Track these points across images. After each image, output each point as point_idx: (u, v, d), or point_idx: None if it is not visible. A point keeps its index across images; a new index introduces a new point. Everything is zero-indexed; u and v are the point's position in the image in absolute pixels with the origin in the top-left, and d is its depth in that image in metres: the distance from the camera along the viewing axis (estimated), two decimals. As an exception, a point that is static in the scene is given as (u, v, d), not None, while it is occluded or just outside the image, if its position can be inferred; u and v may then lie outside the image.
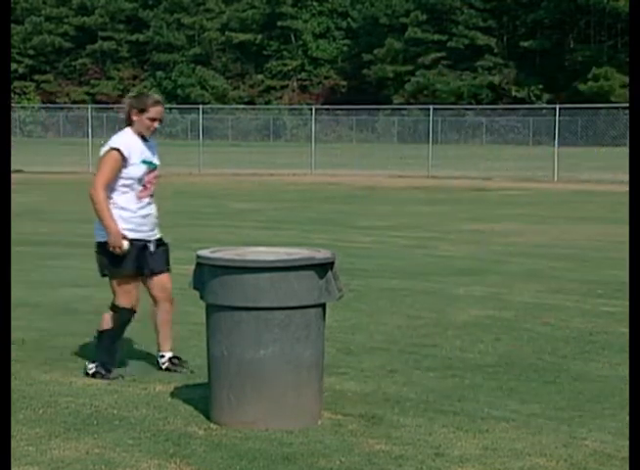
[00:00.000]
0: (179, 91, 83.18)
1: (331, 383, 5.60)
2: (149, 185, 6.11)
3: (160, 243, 6.19)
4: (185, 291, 5.88)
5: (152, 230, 6.16)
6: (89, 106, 43.15)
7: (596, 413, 5.18)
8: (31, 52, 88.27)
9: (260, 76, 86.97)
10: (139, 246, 5.98)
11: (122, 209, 6.04)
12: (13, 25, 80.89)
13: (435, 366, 6.18)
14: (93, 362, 5.91)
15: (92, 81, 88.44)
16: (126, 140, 5.92)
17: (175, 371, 5.98)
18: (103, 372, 5.84)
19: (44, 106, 73.37)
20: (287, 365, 4.83)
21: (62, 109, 68.47)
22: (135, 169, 5.95)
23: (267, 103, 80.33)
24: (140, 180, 6.01)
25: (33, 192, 22.87)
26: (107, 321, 5.97)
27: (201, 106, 39.17)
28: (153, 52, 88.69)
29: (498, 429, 4.90)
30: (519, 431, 4.86)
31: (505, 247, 12.75)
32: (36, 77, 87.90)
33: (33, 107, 72.64)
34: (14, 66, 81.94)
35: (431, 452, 4.53)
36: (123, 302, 5.92)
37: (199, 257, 4.99)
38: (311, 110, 37.80)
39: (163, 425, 4.92)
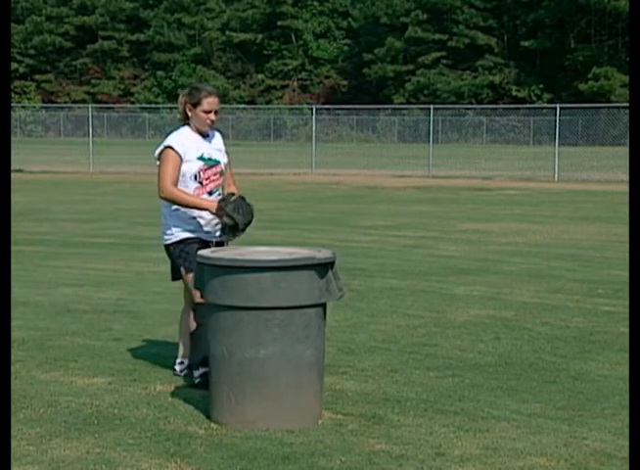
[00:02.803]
0: (180, 91, 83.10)
1: (331, 383, 5.60)
2: (207, 182, 5.81)
3: (220, 244, 5.85)
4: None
5: (210, 230, 5.84)
6: (89, 105, 43.16)
7: (596, 413, 5.18)
8: (32, 51, 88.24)
9: (261, 76, 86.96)
10: (197, 246, 5.70)
11: (175, 208, 5.87)
12: (13, 25, 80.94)
13: (435, 366, 6.19)
14: (197, 370, 5.64)
15: (92, 81, 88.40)
16: (180, 137, 5.78)
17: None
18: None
19: (45, 105, 73.39)
20: (287, 365, 4.84)
21: (62, 108, 68.50)
22: (190, 166, 5.75)
23: (268, 102, 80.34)
24: (195, 177, 5.77)
25: (33, 192, 22.87)
26: (192, 322, 5.79)
27: (201, 106, 39.08)
28: (153, 51, 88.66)
29: (498, 428, 4.90)
30: (519, 430, 4.87)
31: (505, 247, 12.75)
32: (37, 77, 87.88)
33: (34, 106, 72.64)
34: (14, 65, 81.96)
35: (431, 452, 4.53)
36: (199, 299, 5.77)
37: (199, 256, 4.99)
38: (312, 109, 37.81)
39: (164, 425, 4.92)
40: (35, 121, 68.29)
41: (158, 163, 5.82)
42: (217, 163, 5.87)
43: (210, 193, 5.79)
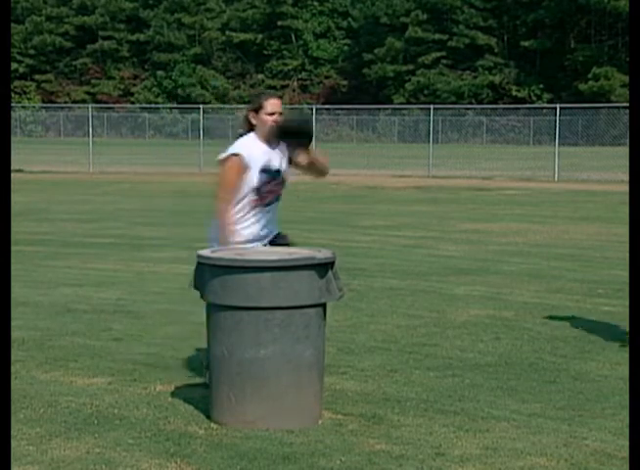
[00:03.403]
0: (180, 91, 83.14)
1: (331, 383, 5.60)
2: (268, 194, 5.56)
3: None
4: (185, 291, 5.88)
5: (264, 240, 5.60)
6: (89, 105, 43.17)
7: (596, 413, 5.18)
8: (32, 52, 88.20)
9: (261, 76, 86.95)
10: None
11: (237, 220, 5.54)
12: (13, 25, 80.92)
13: (435, 366, 6.19)
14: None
15: (92, 81, 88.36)
16: (248, 144, 5.52)
17: None
18: None
19: (44, 105, 73.36)
20: (287, 365, 4.84)
21: (62, 108, 68.49)
22: (252, 177, 5.47)
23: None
24: (258, 190, 5.51)
25: (33, 192, 22.86)
26: None
27: (201, 105, 39.17)
28: (153, 51, 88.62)
29: (498, 428, 4.90)
30: (519, 430, 4.87)
31: (505, 247, 12.75)
32: (37, 77, 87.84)
33: (34, 106, 72.63)
34: (14, 65, 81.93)
35: (431, 452, 4.53)
36: None
37: (199, 256, 4.99)
38: (312, 109, 37.79)
39: (164, 425, 4.92)
40: (35, 121, 68.29)
41: (220, 167, 5.53)
42: (280, 173, 5.60)
43: (268, 204, 5.56)
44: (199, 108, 37.43)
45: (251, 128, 5.58)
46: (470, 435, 4.78)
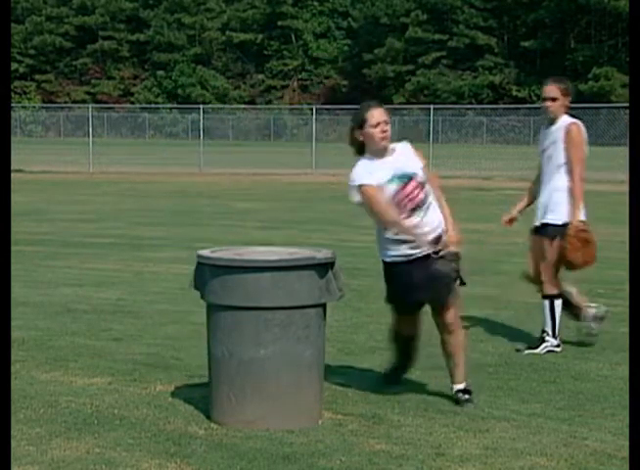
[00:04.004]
0: (180, 91, 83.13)
1: (331, 383, 5.60)
2: (406, 202, 5.20)
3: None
4: (185, 291, 5.88)
5: (414, 249, 5.27)
6: (89, 105, 43.18)
7: (596, 413, 5.18)
8: (32, 52, 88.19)
9: (261, 76, 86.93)
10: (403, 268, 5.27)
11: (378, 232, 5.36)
12: (13, 25, 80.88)
13: (435, 366, 6.18)
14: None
15: (93, 81, 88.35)
16: (362, 169, 5.20)
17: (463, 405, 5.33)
18: None
19: (45, 105, 73.36)
20: (287, 365, 4.84)
21: (62, 108, 68.47)
22: (385, 192, 5.19)
23: (268, 103, 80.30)
24: (393, 201, 5.20)
25: (33, 192, 22.86)
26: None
27: (201, 106, 39.17)
28: (153, 52, 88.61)
29: (498, 428, 4.90)
30: (519, 430, 4.87)
31: (505, 247, 12.75)
32: (37, 77, 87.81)
33: (34, 106, 72.63)
34: (14, 65, 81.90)
35: (431, 452, 4.53)
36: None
37: (199, 256, 4.99)
38: (312, 109, 37.80)
39: (164, 425, 4.92)
40: (35, 121, 68.28)
41: (360, 203, 5.27)
42: (412, 176, 5.23)
43: (414, 210, 5.20)
44: (199, 108, 37.43)
45: (360, 147, 5.27)
46: (470, 435, 4.78)
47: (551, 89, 6.65)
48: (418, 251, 5.22)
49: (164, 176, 30.48)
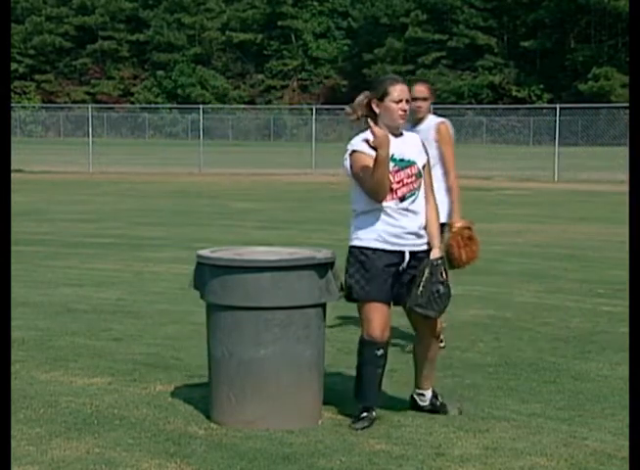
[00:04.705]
0: (179, 91, 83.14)
1: (331, 383, 5.59)
2: (399, 186, 4.91)
3: (416, 261, 4.99)
4: (185, 291, 5.88)
5: (404, 242, 4.97)
6: (89, 105, 43.15)
7: (596, 413, 5.18)
8: (32, 52, 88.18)
9: (261, 76, 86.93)
10: (384, 267, 4.94)
11: (363, 213, 4.97)
12: (13, 25, 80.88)
13: (435, 366, 6.18)
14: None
15: (92, 81, 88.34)
16: (360, 140, 4.99)
17: (439, 412, 5.18)
18: None
19: (44, 105, 73.34)
20: (287, 365, 4.84)
21: (62, 108, 68.48)
22: None
23: (268, 103, 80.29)
24: None
25: (33, 192, 22.86)
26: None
27: (201, 105, 39.16)
28: (153, 52, 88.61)
29: (498, 428, 4.90)
30: (519, 430, 4.87)
31: (505, 247, 12.75)
32: (37, 77, 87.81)
33: (34, 106, 72.61)
34: (14, 65, 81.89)
35: (431, 452, 4.53)
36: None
37: (199, 256, 4.99)
38: (312, 109, 37.79)
39: (164, 425, 4.92)
40: (35, 121, 68.27)
41: (349, 173, 5.00)
42: (412, 163, 5.00)
43: (403, 199, 4.93)
44: (198, 108, 37.43)
45: (373, 119, 4.97)
46: (470, 435, 4.78)
47: (422, 89, 6.70)
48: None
49: (164, 176, 30.48)
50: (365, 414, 4.97)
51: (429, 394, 5.27)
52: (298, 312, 4.83)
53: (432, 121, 6.74)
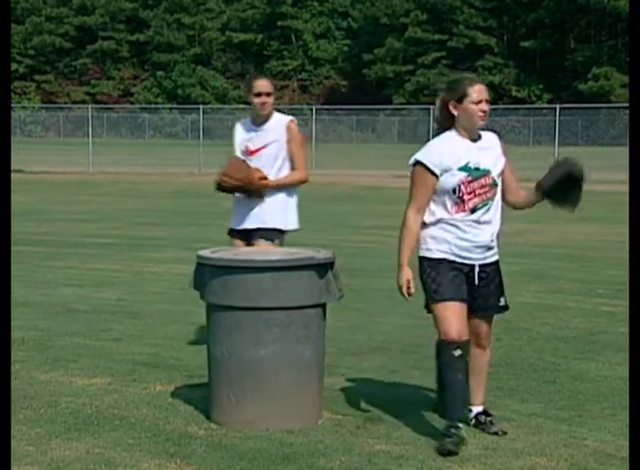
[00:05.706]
0: (179, 91, 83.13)
1: (331, 383, 5.59)
2: (470, 197, 4.69)
3: (485, 274, 4.88)
4: (185, 291, 5.88)
5: (474, 256, 4.81)
6: (89, 106, 43.17)
7: (596, 413, 5.18)
8: (32, 52, 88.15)
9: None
10: (455, 272, 4.76)
11: (432, 224, 4.79)
12: (13, 25, 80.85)
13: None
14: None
15: (92, 81, 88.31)
16: (439, 147, 4.75)
17: (484, 430, 4.85)
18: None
19: (44, 106, 73.32)
20: (287, 365, 4.84)
21: (62, 109, 68.44)
22: (448, 179, 4.69)
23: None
24: (454, 191, 4.69)
25: (33, 192, 22.86)
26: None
27: (201, 106, 39.17)
28: (153, 52, 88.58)
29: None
30: (519, 430, 4.86)
31: (505, 247, 12.70)
32: (36, 77, 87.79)
33: (34, 107, 72.61)
34: (14, 66, 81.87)
35: (431, 452, 4.53)
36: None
37: (199, 257, 4.99)
38: (312, 110, 37.81)
39: (164, 425, 4.92)
40: (35, 122, 68.24)
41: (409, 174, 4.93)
42: (486, 173, 4.74)
43: (474, 210, 4.71)
44: (198, 108, 37.43)
45: (450, 121, 4.79)
46: (469, 435, 4.77)
47: (266, 84, 6.19)
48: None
49: (164, 176, 30.47)
50: (453, 431, 4.56)
51: (475, 409, 4.93)
52: (298, 312, 4.83)
53: (280, 119, 6.29)
